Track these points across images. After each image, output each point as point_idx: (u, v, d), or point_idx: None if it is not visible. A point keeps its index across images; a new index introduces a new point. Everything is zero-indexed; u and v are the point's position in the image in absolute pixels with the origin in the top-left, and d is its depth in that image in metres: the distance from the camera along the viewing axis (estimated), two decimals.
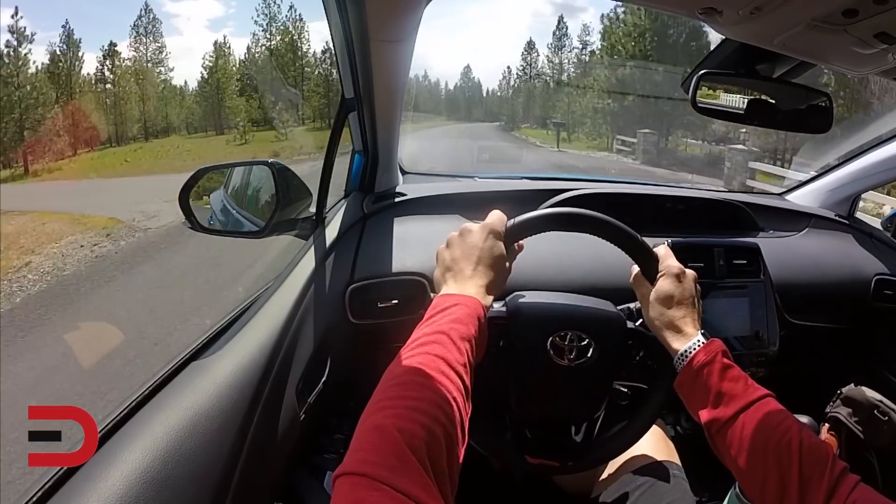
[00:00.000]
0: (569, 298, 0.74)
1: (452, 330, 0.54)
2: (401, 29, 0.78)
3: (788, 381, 0.91)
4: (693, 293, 0.69)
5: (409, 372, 0.48)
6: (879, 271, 1.18)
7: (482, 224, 0.67)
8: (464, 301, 0.59)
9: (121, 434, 0.56)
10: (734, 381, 0.61)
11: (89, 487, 0.50)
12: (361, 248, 0.98)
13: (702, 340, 0.64)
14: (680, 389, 0.66)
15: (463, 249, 0.65)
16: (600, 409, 0.74)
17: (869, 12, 0.50)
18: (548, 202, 1.08)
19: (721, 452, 0.61)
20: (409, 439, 0.40)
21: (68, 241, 7.09)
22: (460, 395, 0.49)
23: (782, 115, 0.80)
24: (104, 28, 40.26)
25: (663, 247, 0.72)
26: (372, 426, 0.42)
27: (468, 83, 37.34)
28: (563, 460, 0.74)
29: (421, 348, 0.52)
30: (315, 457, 0.88)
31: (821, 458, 0.53)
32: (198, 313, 3.59)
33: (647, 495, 0.75)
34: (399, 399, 0.45)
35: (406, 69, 0.91)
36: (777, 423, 0.57)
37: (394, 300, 0.93)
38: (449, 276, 0.64)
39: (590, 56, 26.63)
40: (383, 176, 1.13)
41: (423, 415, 0.43)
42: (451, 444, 0.44)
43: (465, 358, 0.53)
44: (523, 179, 1.36)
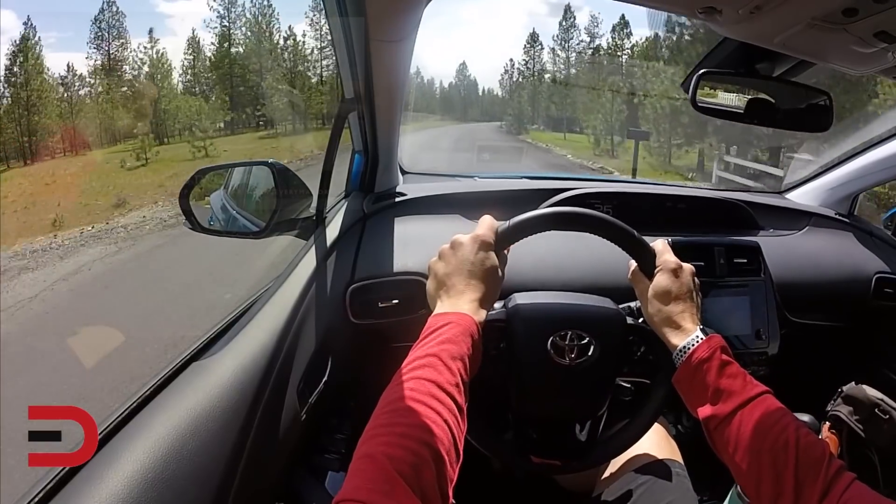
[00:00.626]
0: (568, 297, 0.73)
1: (443, 351, 0.55)
2: (401, 29, 0.78)
3: (789, 380, 0.91)
4: (691, 287, 0.69)
5: (400, 399, 0.51)
6: (880, 270, 1.18)
7: (472, 235, 0.67)
8: (456, 319, 0.60)
9: (122, 434, 0.57)
10: (732, 378, 0.61)
11: (90, 488, 0.50)
12: (362, 248, 0.98)
13: (700, 336, 0.64)
14: (678, 385, 0.66)
15: (455, 264, 0.65)
16: (603, 406, 0.74)
17: (869, 11, 0.50)
18: (546, 202, 1.08)
19: (718, 449, 0.61)
20: (399, 465, 0.44)
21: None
22: (452, 415, 0.51)
23: (782, 114, 0.80)
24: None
25: (660, 241, 0.72)
26: (363, 455, 0.46)
27: (463, 79, 33.77)
28: (567, 459, 0.74)
29: (412, 373, 0.53)
30: (316, 457, 0.88)
31: (817, 457, 0.53)
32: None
33: (649, 493, 0.75)
34: (390, 426, 0.48)
35: (406, 69, 0.91)
36: (774, 422, 0.57)
37: (394, 300, 0.93)
38: (442, 293, 0.65)
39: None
40: (383, 176, 1.13)
41: (412, 440, 0.46)
42: (441, 465, 0.47)
43: (457, 377, 0.54)
44: (523, 179, 1.35)
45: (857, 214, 1.38)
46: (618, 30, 24.42)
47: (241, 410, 0.65)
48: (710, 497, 0.95)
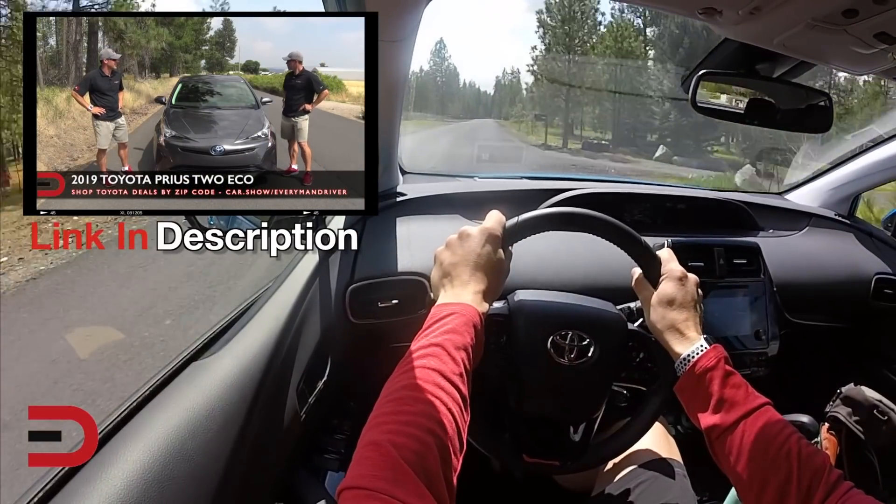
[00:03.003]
0: (571, 298, 0.74)
1: (447, 341, 0.55)
2: (401, 29, 0.78)
3: (788, 381, 0.91)
4: (695, 297, 0.69)
5: (404, 387, 0.51)
6: (880, 270, 1.18)
7: (480, 228, 0.67)
8: (459, 310, 0.60)
9: (122, 434, 0.57)
10: (736, 388, 0.61)
11: (90, 488, 0.50)
12: (362, 248, 0.98)
13: (704, 346, 0.64)
14: (681, 394, 0.66)
15: (461, 254, 0.65)
16: (599, 409, 0.74)
17: (869, 12, 0.51)
18: (547, 202, 1.08)
19: (720, 459, 0.61)
20: (404, 452, 0.44)
21: None
22: (456, 404, 0.51)
23: (782, 114, 0.80)
24: None
25: (666, 250, 0.72)
26: (368, 442, 0.46)
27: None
28: (559, 460, 0.74)
29: (417, 362, 0.53)
30: (316, 457, 0.88)
31: (818, 466, 0.54)
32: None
33: (648, 492, 0.75)
34: (394, 414, 0.48)
35: (406, 69, 0.91)
36: (777, 432, 0.57)
37: (394, 300, 0.93)
38: (447, 282, 0.65)
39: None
40: (383, 176, 1.12)
41: (416, 428, 0.46)
42: (445, 453, 0.47)
43: (461, 367, 0.54)
44: (523, 179, 1.35)
45: (857, 215, 1.39)
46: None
47: (240, 410, 0.64)
48: (710, 497, 0.95)
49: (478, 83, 27.03)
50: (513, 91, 21.40)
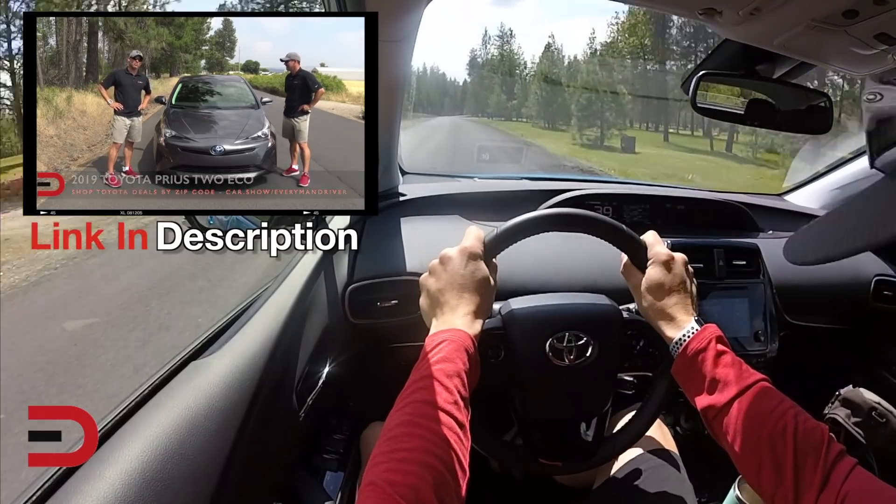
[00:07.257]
0: (562, 298, 0.73)
1: (439, 371, 0.56)
2: (401, 29, 0.78)
3: (788, 382, 0.91)
4: (684, 277, 0.69)
5: (399, 424, 0.52)
6: (879, 272, 1.18)
7: (460, 248, 0.67)
8: (450, 336, 0.60)
9: (120, 433, 0.57)
10: (728, 367, 0.61)
11: (89, 487, 0.50)
12: (361, 248, 0.98)
13: (695, 327, 0.65)
14: (677, 376, 0.66)
15: (446, 278, 0.65)
16: (607, 403, 0.74)
17: (869, 13, 0.50)
18: (545, 203, 1.08)
19: (719, 438, 0.62)
20: (400, 490, 0.45)
21: None
22: (452, 433, 0.52)
23: (782, 115, 0.80)
24: None
25: (650, 233, 0.72)
26: (367, 483, 0.47)
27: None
28: (575, 459, 0.74)
29: (410, 398, 0.54)
30: (314, 457, 0.88)
31: (815, 443, 0.53)
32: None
33: (648, 481, 0.76)
34: (391, 453, 0.49)
35: (407, 69, 0.91)
36: (772, 409, 0.57)
37: (393, 300, 0.93)
38: (437, 311, 0.65)
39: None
40: (383, 176, 1.12)
41: (413, 464, 0.48)
42: (443, 481, 0.48)
43: (455, 395, 0.55)
44: (523, 180, 1.35)
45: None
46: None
47: (239, 410, 0.65)
48: (709, 498, 0.95)
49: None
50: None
